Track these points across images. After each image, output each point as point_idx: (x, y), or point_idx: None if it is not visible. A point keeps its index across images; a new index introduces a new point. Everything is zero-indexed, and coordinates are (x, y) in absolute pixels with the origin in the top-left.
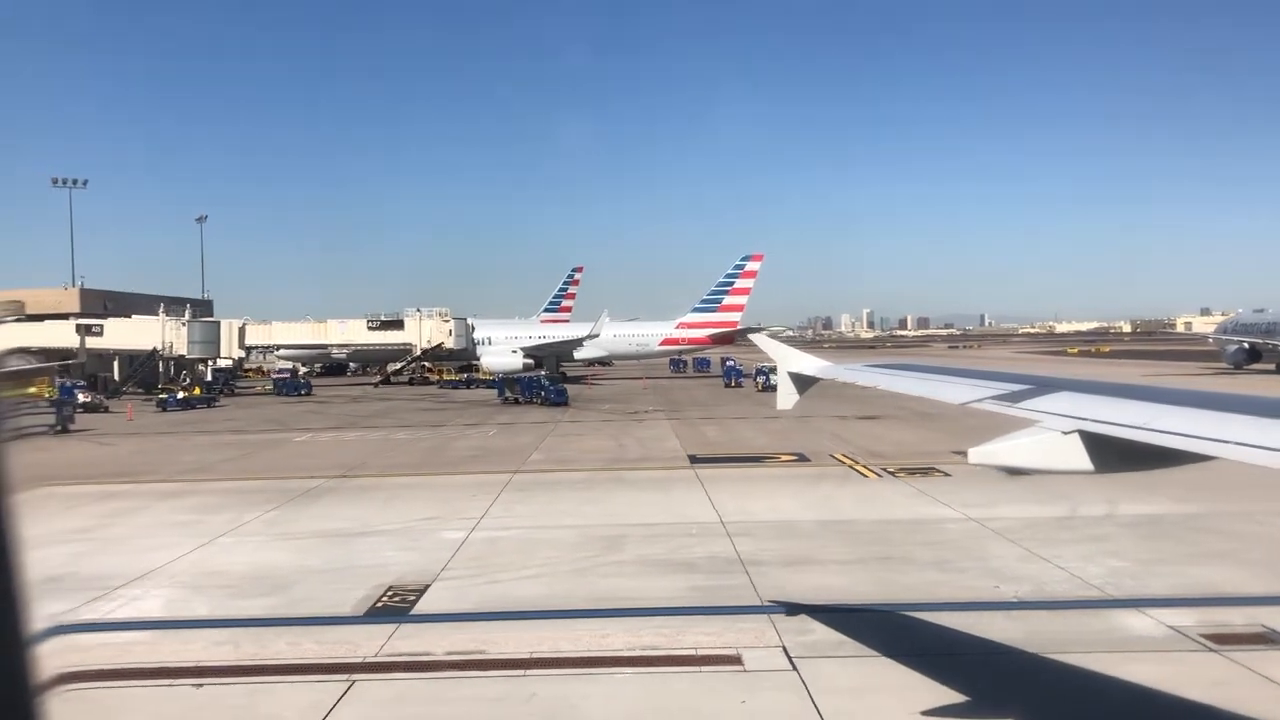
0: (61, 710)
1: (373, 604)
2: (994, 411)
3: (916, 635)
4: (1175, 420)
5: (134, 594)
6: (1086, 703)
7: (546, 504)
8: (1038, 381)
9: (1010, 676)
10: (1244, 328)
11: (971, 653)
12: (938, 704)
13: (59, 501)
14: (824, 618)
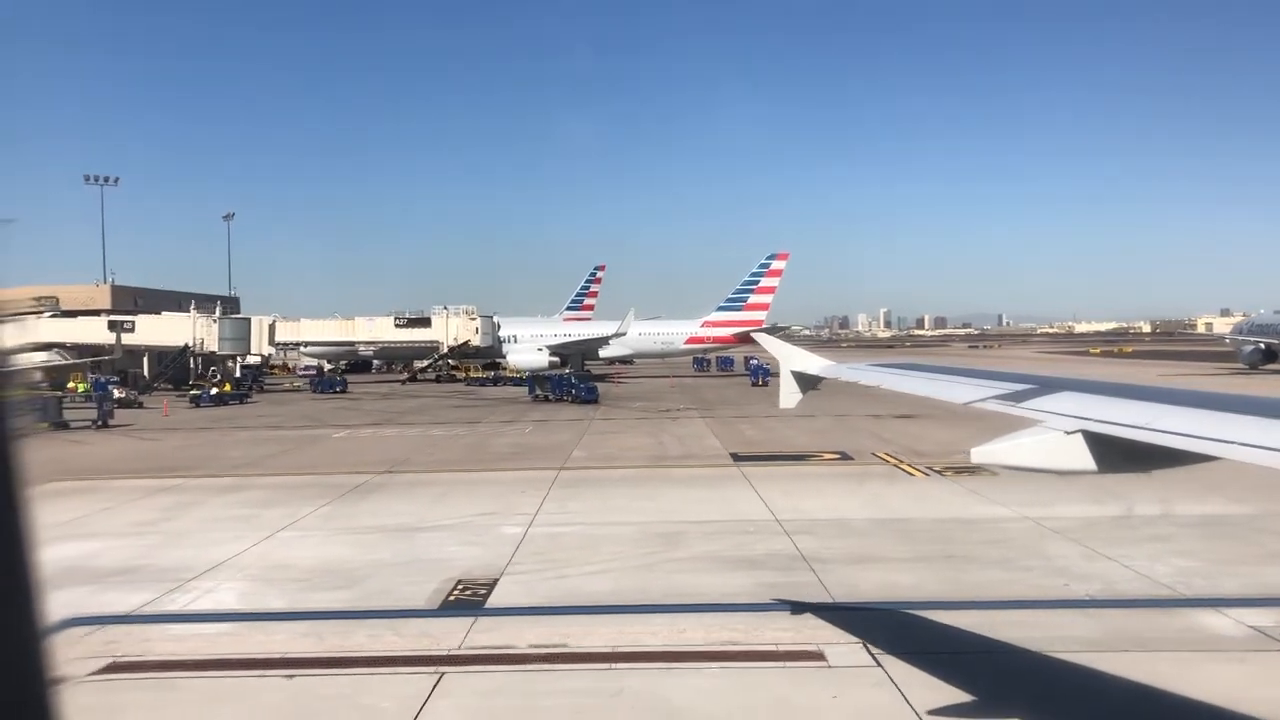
0: (162, 698)
1: (446, 597)
2: (997, 411)
3: (995, 632)
4: (1178, 420)
5: (207, 586)
6: (1171, 700)
7: (599, 500)
8: (1041, 381)
9: (1094, 675)
10: (1260, 328)
11: (1055, 649)
12: (1031, 699)
13: (117, 495)
14: (899, 615)
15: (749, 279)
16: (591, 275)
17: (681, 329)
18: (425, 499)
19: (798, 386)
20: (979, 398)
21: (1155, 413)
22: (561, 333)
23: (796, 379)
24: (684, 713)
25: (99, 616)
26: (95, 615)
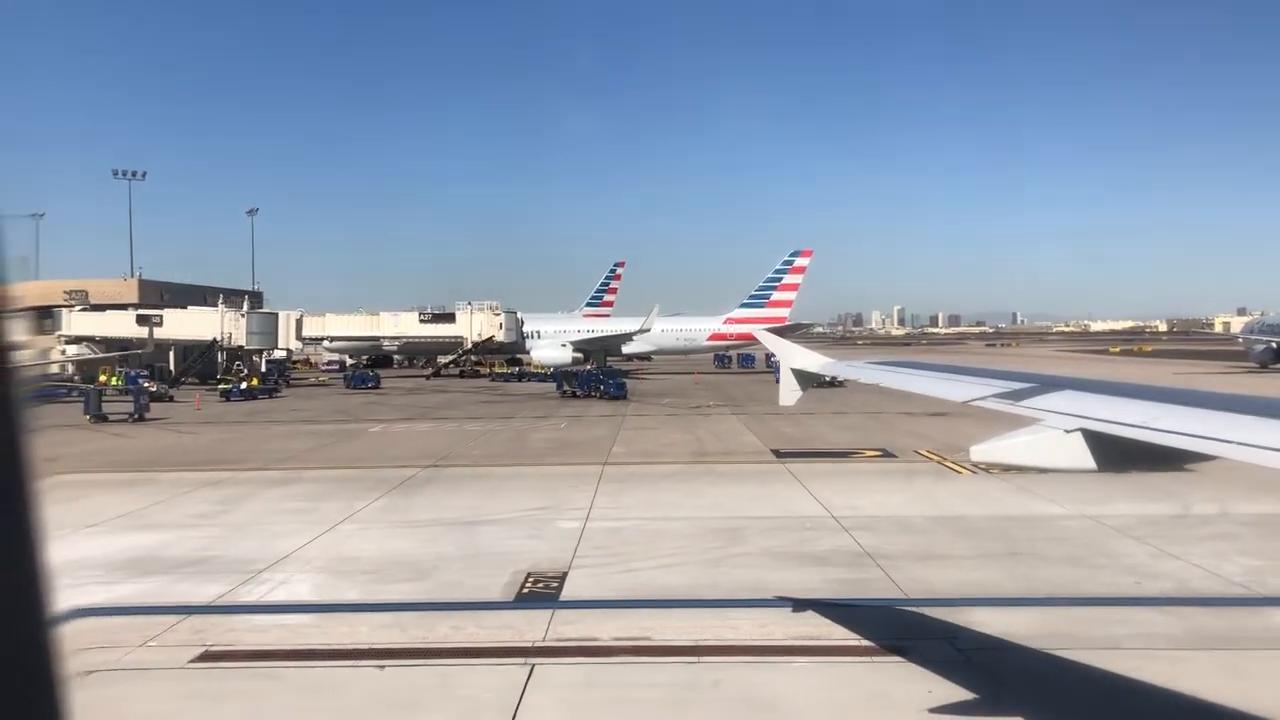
0: (261, 688)
1: (519, 590)
2: (997, 410)
3: (1078, 628)
4: (1178, 420)
5: (279, 578)
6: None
7: (649, 495)
8: (1041, 380)
9: (1183, 672)
10: (1271, 328)
11: (1138, 646)
12: (1121, 694)
13: (170, 487)
14: (978, 612)
15: (772, 276)
16: (611, 272)
17: (704, 326)
18: (476, 493)
19: (797, 384)
20: (978, 396)
21: (1155, 412)
22: (584, 329)
23: (796, 376)
24: (779, 706)
25: (183, 606)
26: (178, 605)
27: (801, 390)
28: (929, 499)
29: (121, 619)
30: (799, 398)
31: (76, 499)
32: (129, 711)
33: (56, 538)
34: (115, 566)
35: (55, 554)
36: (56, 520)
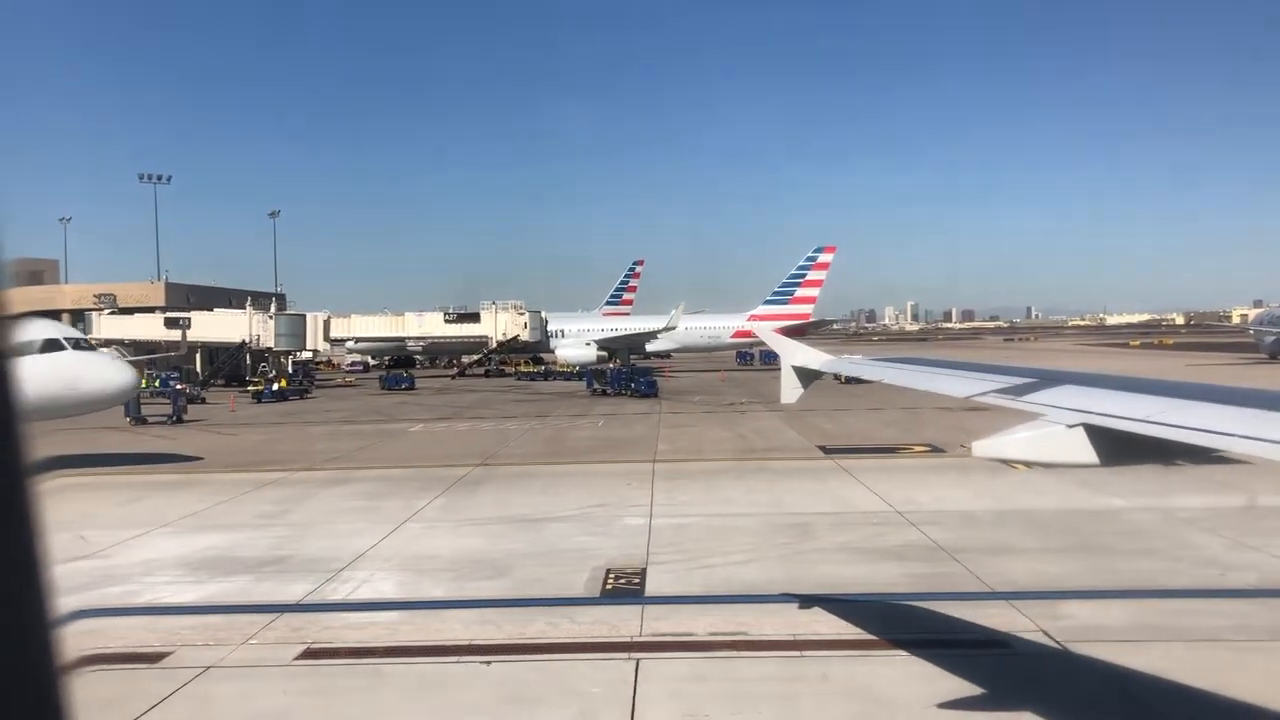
0: (372, 683)
1: (603, 586)
2: (998, 405)
3: (1170, 620)
4: (1180, 414)
5: (361, 576)
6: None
7: (705, 492)
8: (1042, 375)
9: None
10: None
11: (1234, 638)
12: (1230, 685)
13: (226, 488)
14: (1065, 605)
15: (795, 272)
16: (630, 270)
17: (728, 323)
18: (532, 491)
19: (799, 381)
20: (980, 391)
21: (1158, 406)
22: (609, 327)
23: (797, 374)
24: (892, 699)
25: (274, 605)
26: (270, 604)
27: (803, 388)
28: (988, 493)
29: (218, 617)
30: (800, 395)
31: (141, 499)
32: (250, 708)
33: (134, 537)
34: (197, 566)
35: (137, 553)
36: (129, 520)
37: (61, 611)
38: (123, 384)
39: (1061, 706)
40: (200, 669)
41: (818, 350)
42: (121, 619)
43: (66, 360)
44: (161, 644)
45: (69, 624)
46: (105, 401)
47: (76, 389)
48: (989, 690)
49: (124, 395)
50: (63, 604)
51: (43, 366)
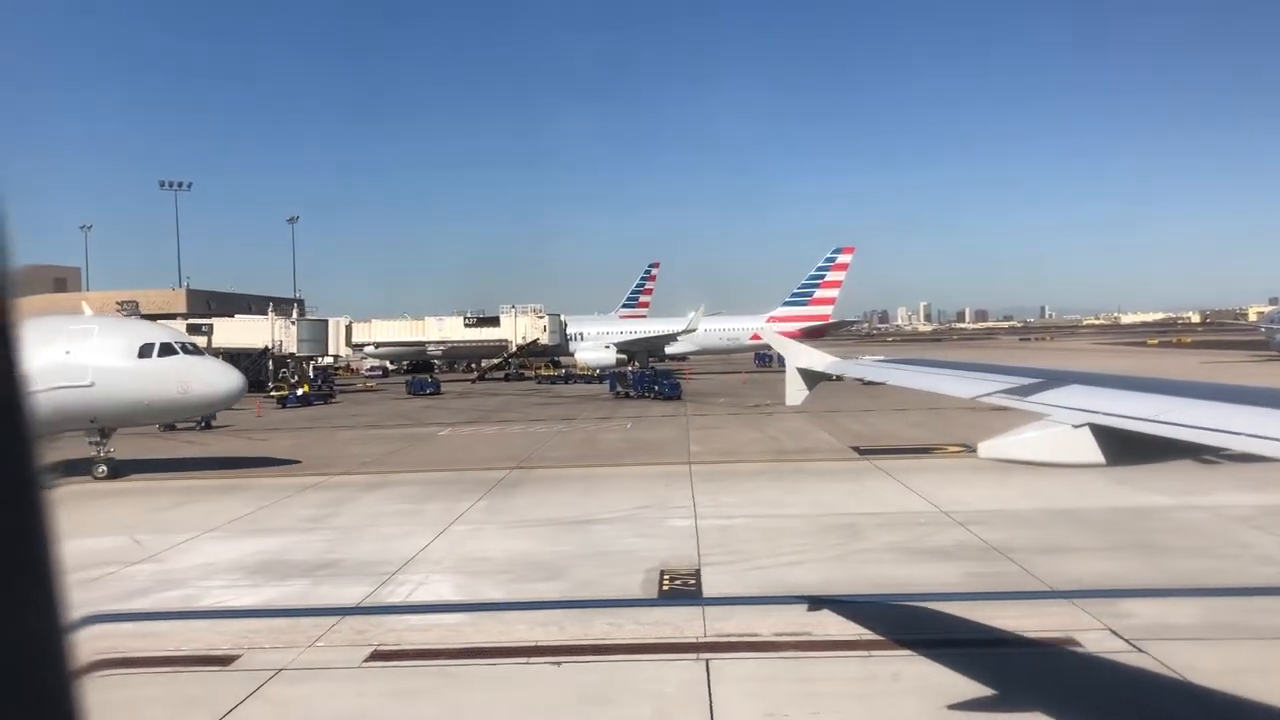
0: (447, 684)
1: (660, 587)
2: (1004, 406)
3: (1237, 618)
4: (1186, 412)
5: (416, 579)
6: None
7: (746, 493)
8: (1048, 375)
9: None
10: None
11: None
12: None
13: (267, 492)
14: (1125, 603)
15: (815, 273)
16: (646, 272)
17: (747, 325)
18: (573, 493)
19: (804, 383)
20: (985, 392)
21: (1163, 405)
22: (628, 330)
23: (802, 376)
24: (967, 698)
25: (335, 608)
26: (330, 607)
27: (808, 389)
28: (1032, 493)
29: (281, 621)
30: (805, 397)
31: (185, 503)
32: (329, 709)
33: (185, 541)
34: (252, 570)
35: (190, 557)
36: (177, 524)
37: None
38: (230, 388)
39: (1140, 705)
40: (272, 671)
41: (821, 352)
42: (186, 622)
43: (179, 364)
44: (230, 647)
45: (135, 624)
46: (214, 405)
47: (188, 393)
48: (1063, 689)
49: (232, 399)
50: (127, 607)
51: (157, 370)
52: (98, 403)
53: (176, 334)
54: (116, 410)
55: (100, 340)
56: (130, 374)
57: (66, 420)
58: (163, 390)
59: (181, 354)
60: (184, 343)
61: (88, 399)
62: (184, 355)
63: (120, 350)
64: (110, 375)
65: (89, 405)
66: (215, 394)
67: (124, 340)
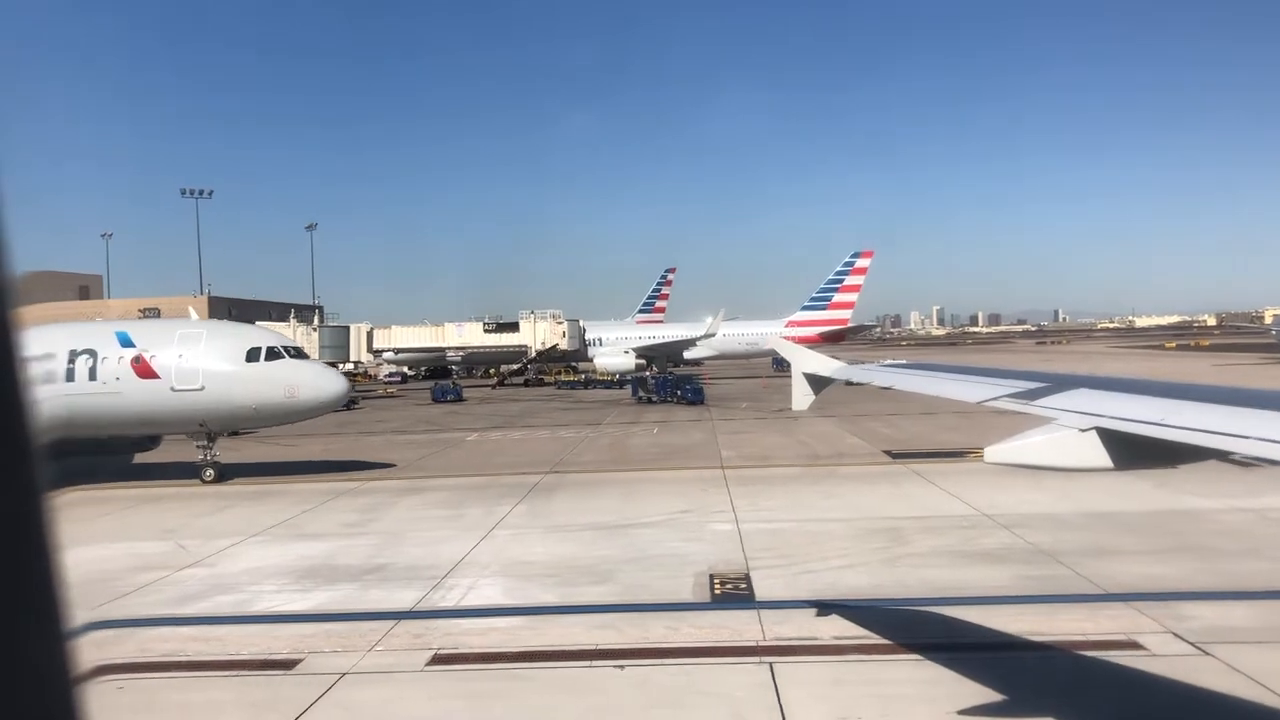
0: (518, 687)
1: (712, 591)
2: (1011, 410)
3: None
4: (1194, 416)
5: (466, 583)
6: None
7: (785, 498)
8: (1054, 379)
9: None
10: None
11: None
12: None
13: (304, 497)
14: (1184, 606)
15: (833, 277)
16: (662, 278)
17: (767, 329)
18: (610, 498)
19: (810, 388)
20: (992, 396)
21: (1171, 408)
22: (646, 335)
23: (808, 380)
24: (1036, 702)
25: (389, 613)
26: (384, 611)
27: (814, 394)
28: (1071, 496)
29: (337, 625)
30: (811, 401)
31: (227, 509)
32: (397, 713)
33: (230, 546)
34: (301, 574)
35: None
36: (221, 529)
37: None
38: (336, 392)
39: (1213, 706)
40: (336, 675)
41: (826, 357)
42: (242, 627)
43: (286, 369)
44: (290, 651)
45: (193, 627)
46: (321, 409)
47: (295, 397)
48: (1152, 688)
49: (337, 403)
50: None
51: (265, 374)
52: (208, 406)
53: (281, 338)
54: (226, 414)
55: (209, 344)
56: (239, 378)
57: (179, 423)
58: (270, 394)
59: (287, 358)
60: (289, 347)
61: (199, 402)
62: (290, 360)
63: (229, 354)
64: (220, 379)
65: (200, 409)
66: (321, 398)
67: (232, 344)
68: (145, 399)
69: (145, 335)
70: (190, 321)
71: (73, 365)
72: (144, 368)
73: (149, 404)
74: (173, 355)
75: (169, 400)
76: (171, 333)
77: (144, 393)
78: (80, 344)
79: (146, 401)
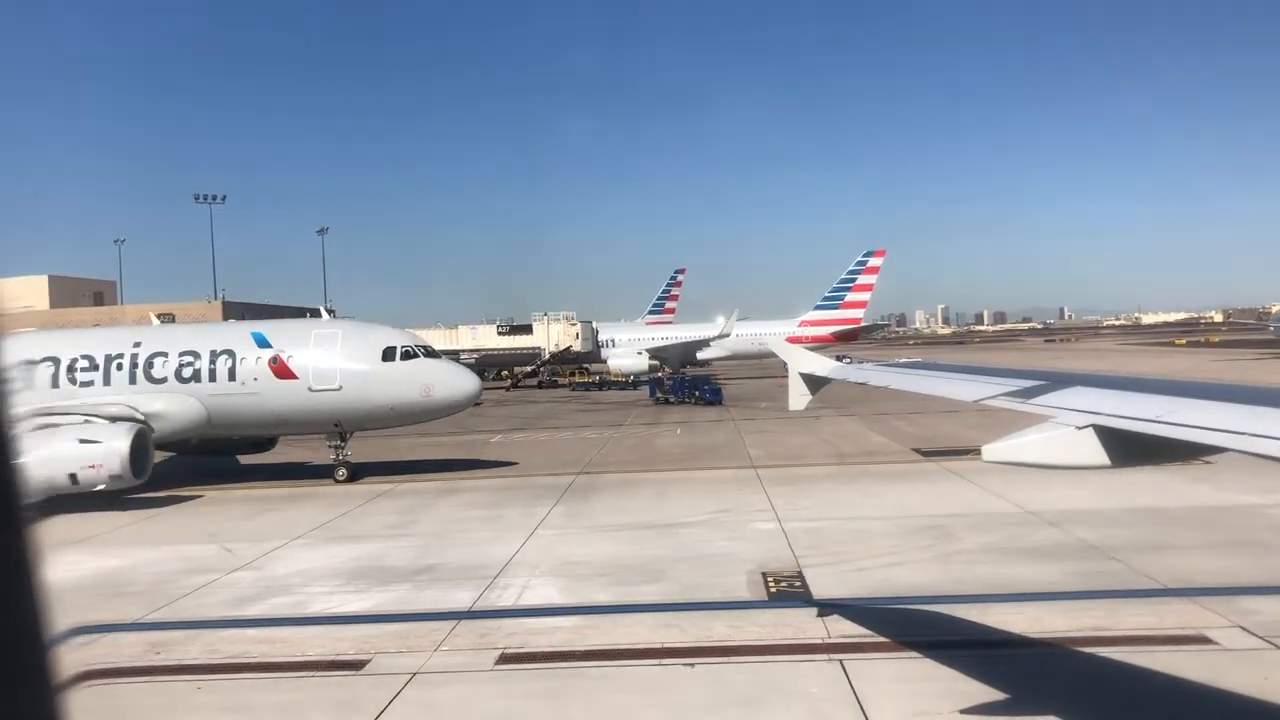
0: (595, 686)
1: (767, 589)
2: (1008, 408)
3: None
4: (1191, 413)
5: (520, 582)
6: None
7: (823, 496)
8: (1051, 376)
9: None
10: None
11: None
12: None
13: (341, 499)
14: (1246, 600)
15: (845, 277)
16: (672, 279)
17: (779, 329)
18: (646, 497)
19: (806, 388)
20: (989, 395)
21: (1168, 406)
22: (659, 336)
23: (805, 381)
24: (1118, 695)
25: (447, 613)
26: (442, 611)
27: (811, 394)
28: (1112, 493)
29: (398, 625)
30: (809, 401)
31: (263, 513)
32: (477, 711)
33: (275, 549)
34: (352, 576)
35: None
36: (262, 533)
37: None
38: (470, 391)
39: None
40: (407, 675)
41: (822, 357)
42: (302, 628)
43: (422, 368)
44: (356, 652)
45: (253, 630)
46: (456, 408)
47: (431, 396)
48: (1224, 681)
49: (470, 402)
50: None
51: (401, 373)
52: (346, 406)
53: (415, 338)
54: (363, 413)
55: (345, 344)
56: (376, 378)
57: (315, 424)
58: (407, 393)
59: (421, 357)
60: (423, 346)
61: (336, 402)
62: (424, 358)
63: (365, 354)
64: (357, 379)
65: (337, 409)
66: (457, 397)
67: (368, 344)
68: (283, 399)
69: (281, 335)
70: (324, 321)
71: (214, 365)
72: (281, 368)
73: (286, 404)
74: (310, 355)
75: (306, 400)
76: (307, 333)
77: (282, 393)
78: (219, 344)
79: (284, 401)
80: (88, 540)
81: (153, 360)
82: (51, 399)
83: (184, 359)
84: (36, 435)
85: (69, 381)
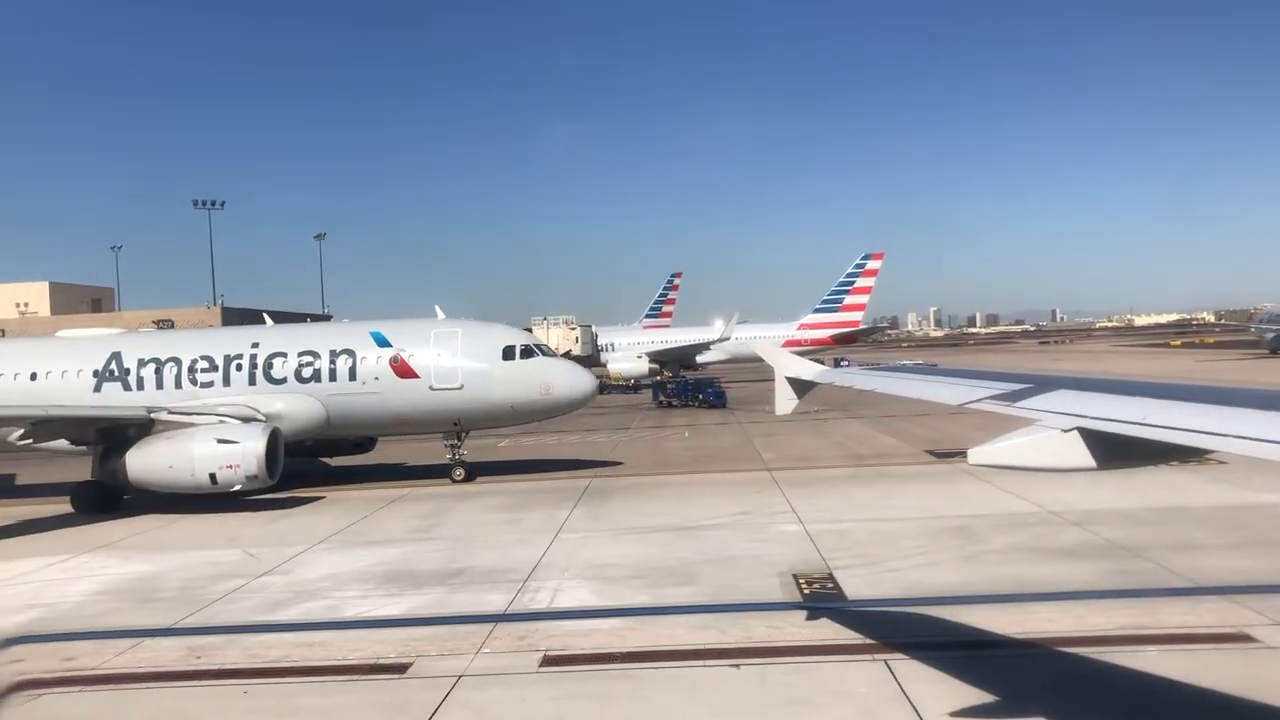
0: (636, 687)
1: (800, 590)
2: (992, 411)
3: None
4: (1174, 415)
5: (551, 585)
6: None
7: (842, 498)
8: (1035, 380)
9: None
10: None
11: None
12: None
13: (358, 504)
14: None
15: (844, 280)
16: (669, 283)
17: (778, 333)
18: (665, 500)
19: (793, 392)
20: (974, 398)
21: (1152, 408)
22: (659, 339)
23: (791, 384)
24: (1158, 693)
25: (483, 615)
26: (479, 614)
27: (798, 398)
28: (1132, 492)
29: (437, 629)
30: (795, 405)
31: (283, 518)
32: (526, 713)
33: (299, 554)
34: (382, 580)
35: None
36: (283, 538)
37: None
38: (586, 390)
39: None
40: (452, 678)
41: (809, 361)
42: (340, 632)
43: (541, 366)
44: (397, 655)
45: (294, 634)
46: (574, 406)
47: (550, 394)
48: (1265, 679)
49: (586, 400)
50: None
51: (521, 372)
52: (467, 405)
53: (532, 336)
54: (483, 412)
55: (465, 343)
56: (496, 376)
57: (436, 423)
58: (527, 392)
59: (540, 356)
60: (540, 345)
61: (457, 401)
62: (542, 357)
63: (485, 353)
64: (478, 377)
65: (458, 407)
66: (575, 395)
67: (488, 342)
68: (404, 398)
69: (400, 335)
70: (443, 320)
71: (334, 365)
72: (403, 367)
73: (407, 403)
74: (431, 354)
75: (428, 399)
76: (426, 332)
77: (403, 392)
78: (338, 344)
79: (405, 400)
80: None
81: (271, 360)
82: (176, 399)
83: (303, 359)
84: (176, 435)
85: (190, 382)
